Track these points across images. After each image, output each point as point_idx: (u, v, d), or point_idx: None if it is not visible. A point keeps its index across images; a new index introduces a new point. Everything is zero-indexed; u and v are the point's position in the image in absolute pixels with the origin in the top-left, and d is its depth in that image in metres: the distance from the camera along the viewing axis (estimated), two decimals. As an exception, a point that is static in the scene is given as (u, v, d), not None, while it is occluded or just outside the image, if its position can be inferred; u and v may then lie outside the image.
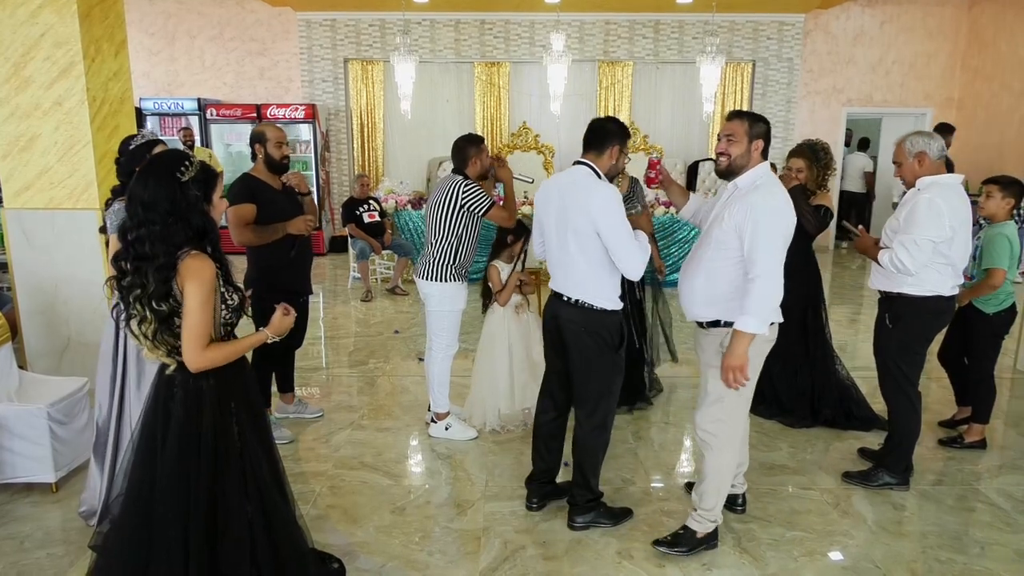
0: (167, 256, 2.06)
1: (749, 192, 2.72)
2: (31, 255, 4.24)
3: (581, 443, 3.11)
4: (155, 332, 2.10)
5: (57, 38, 4.13)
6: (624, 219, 2.87)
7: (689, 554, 2.94)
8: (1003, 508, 3.37)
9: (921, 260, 3.14)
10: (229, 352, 2.18)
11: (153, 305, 2.07)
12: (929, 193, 3.15)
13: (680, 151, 10.43)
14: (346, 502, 3.39)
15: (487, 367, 4.18)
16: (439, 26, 10.08)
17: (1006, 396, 4.80)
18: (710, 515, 2.95)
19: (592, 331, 2.96)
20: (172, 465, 2.15)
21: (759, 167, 2.78)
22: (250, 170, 3.82)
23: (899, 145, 3.31)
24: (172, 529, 2.14)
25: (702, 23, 9.87)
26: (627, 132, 3.05)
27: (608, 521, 3.16)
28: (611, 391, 3.06)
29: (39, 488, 3.40)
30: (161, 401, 2.20)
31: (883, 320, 3.43)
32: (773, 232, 2.65)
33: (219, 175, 2.27)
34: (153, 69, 10.28)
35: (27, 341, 4.33)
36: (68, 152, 4.22)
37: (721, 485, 2.93)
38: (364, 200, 7.85)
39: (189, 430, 2.16)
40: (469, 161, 3.81)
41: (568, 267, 2.97)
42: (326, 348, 5.97)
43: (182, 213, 2.09)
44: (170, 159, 2.16)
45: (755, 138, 2.77)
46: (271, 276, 3.77)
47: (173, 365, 2.17)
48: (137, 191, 2.09)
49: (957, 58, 10.21)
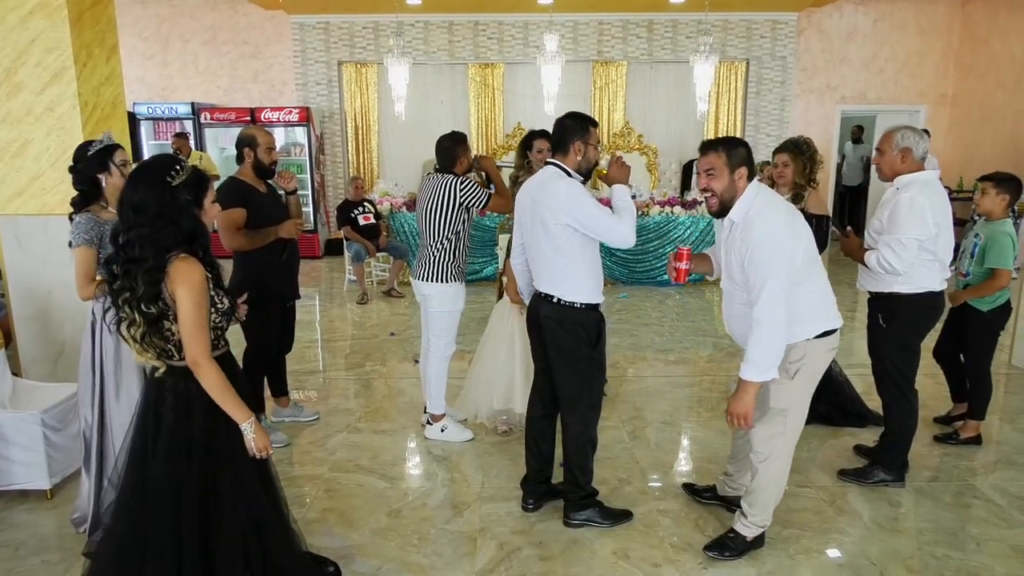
0: (156, 259, 2.07)
1: (744, 227, 2.61)
2: (24, 261, 4.23)
3: (566, 441, 3.14)
4: (143, 335, 2.10)
5: (48, 43, 4.11)
6: (592, 202, 2.89)
7: (738, 557, 2.92)
8: (999, 504, 3.37)
9: (907, 259, 3.14)
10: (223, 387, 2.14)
11: (142, 308, 2.07)
12: (909, 192, 3.14)
13: (675, 150, 10.43)
14: (342, 505, 3.38)
15: (486, 359, 4.16)
16: (432, 28, 10.08)
17: (1001, 392, 4.81)
18: (759, 519, 2.92)
19: (568, 327, 2.98)
20: (163, 469, 2.15)
21: (747, 193, 2.64)
22: (236, 173, 3.81)
23: (888, 135, 3.28)
24: (165, 534, 2.14)
25: (695, 22, 9.88)
26: (586, 124, 2.98)
27: (605, 521, 3.16)
28: (590, 388, 3.07)
29: (34, 495, 3.39)
30: (152, 406, 2.20)
31: (876, 320, 3.43)
32: (774, 263, 2.52)
33: (211, 180, 2.27)
34: (146, 73, 10.27)
35: (21, 347, 4.31)
36: (61, 157, 4.20)
37: (775, 496, 2.90)
38: (359, 202, 7.85)
39: (179, 434, 2.16)
40: (457, 159, 3.82)
41: (544, 264, 3.02)
42: (322, 351, 5.96)
43: (171, 216, 2.09)
44: (161, 163, 2.16)
45: (736, 167, 2.63)
46: (260, 281, 3.77)
47: (163, 368, 2.17)
48: (128, 195, 2.10)
49: (950, 55, 10.24)
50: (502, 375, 4.11)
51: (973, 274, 3.85)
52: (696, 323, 6.77)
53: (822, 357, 2.75)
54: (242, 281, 3.78)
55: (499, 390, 4.12)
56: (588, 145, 2.97)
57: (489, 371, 4.15)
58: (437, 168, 3.88)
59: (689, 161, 10.27)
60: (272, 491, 2.41)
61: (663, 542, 3.06)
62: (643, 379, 5.14)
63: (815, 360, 2.73)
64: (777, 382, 2.67)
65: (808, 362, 2.70)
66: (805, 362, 2.69)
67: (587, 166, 3.01)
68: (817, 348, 2.70)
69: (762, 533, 2.97)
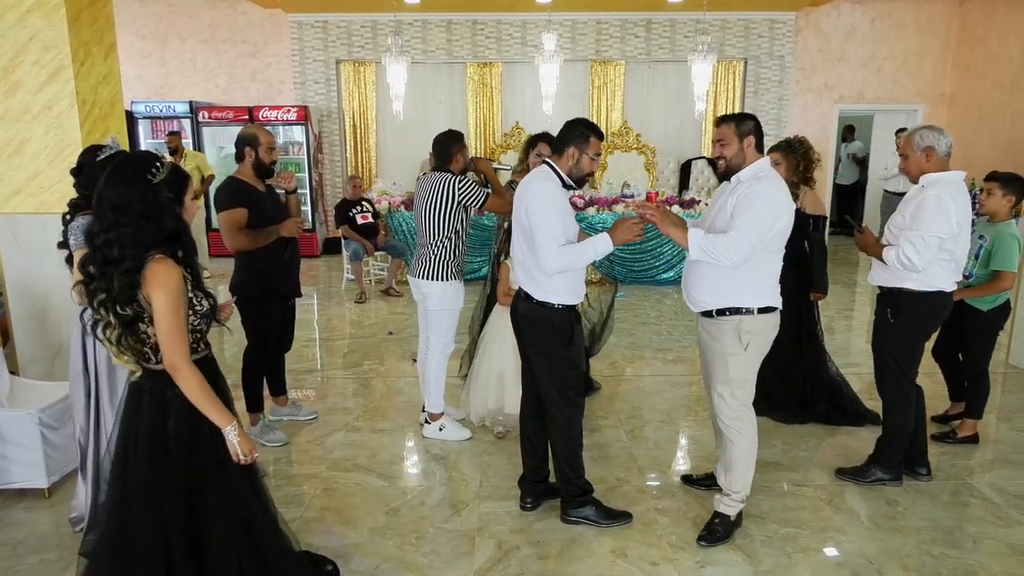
0: (135, 260, 2.01)
1: (751, 182, 2.82)
2: (22, 260, 4.22)
3: (551, 438, 3.17)
4: (119, 337, 2.05)
5: (46, 42, 4.11)
6: (553, 215, 2.86)
7: (727, 539, 3.03)
8: (995, 503, 3.38)
9: (928, 256, 3.14)
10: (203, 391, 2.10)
11: (117, 310, 2.02)
12: (935, 190, 3.15)
13: (673, 150, 10.44)
14: (340, 504, 3.39)
15: (485, 360, 4.17)
16: (431, 27, 10.08)
17: (999, 391, 4.82)
18: (740, 496, 3.05)
19: (541, 326, 3.01)
20: (143, 472, 2.11)
21: (759, 162, 2.88)
22: (235, 172, 3.80)
23: (908, 138, 3.31)
24: (149, 534, 2.11)
25: (693, 22, 9.89)
26: (587, 133, 2.97)
27: (603, 521, 3.16)
28: (567, 386, 3.07)
29: (32, 494, 3.39)
30: (132, 409, 2.16)
31: (884, 315, 3.42)
32: (763, 212, 2.74)
33: (190, 177, 2.21)
34: (144, 72, 10.25)
35: (18, 346, 4.31)
36: (58, 156, 4.20)
37: (749, 466, 3.03)
38: (357, 201, 7.85)
39: (156, 436, 2.11)
40: (453, 157, 3.82)
41: (521, 262, 3.05)
42: (320, 350, 5.96)
43: (155, 215, 2.04)
44: (140, 160, 2.09)
45: (744, 136, 2.87)
46: (262, 280, 3.77)
47: (139, 372, 2.12)
48: (107, 194, 2.02)
49: (948, 55, 10.25)
50: (495, 375, 4.14)
51: (976, 276, 3.83)
52: (694, 322, 6.75)
53: (767, 333, 2.96)
54: (244, 280, 3.78)
55: (492, 390, 4.15)
56: (583, 154, 2.97)
57: (485, 371, 4.17)
58: (433, 167, 3.88)
59: (687, 160, 10.29)
60: (260, 492, 2.37)
61: (661, 540, 3.07)
62: (641, 378, 5.15)
63: (762, 334, 2.95)
64: (734, 355, 2.93)
65: (757, 337, 2.93)
66: (753, 336, 2.91)
67: (579, 173, 3.00)
68: (763, 322, 2.93)
69: (740, 511, 3.10)
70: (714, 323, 2.97)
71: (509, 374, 4.06)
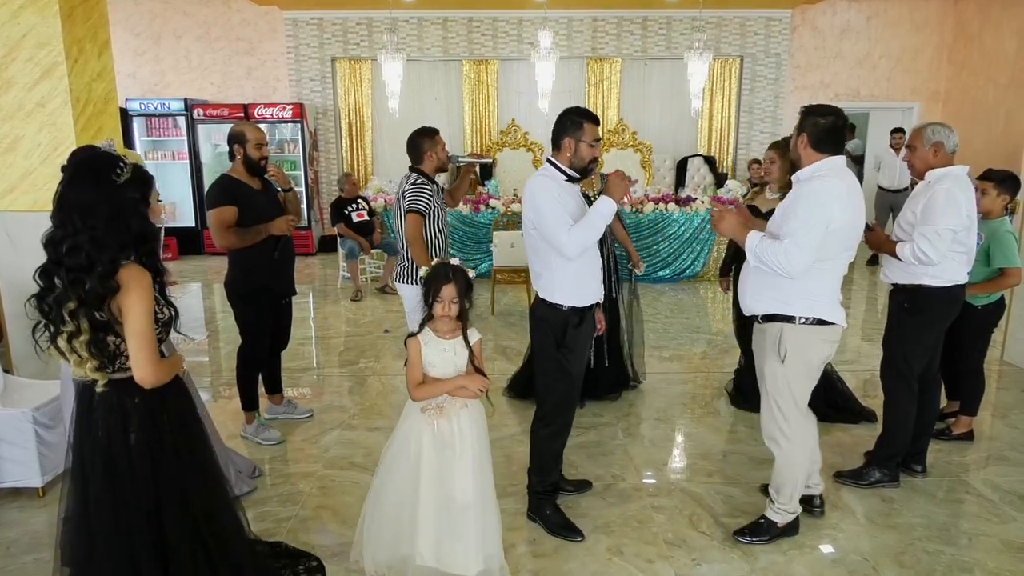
0: (111, 263, 1.93)
1: (805, 182, 2.72)
2: (16, 258, 4.20)
3: (531, 439, 3.13)
4: (89, 343, 1.95)
5: (39, 38, 4.09)
6: (551, 204, 2.78)
7: (770, 542, 3.00)
8: (990, 499, 3.39)
9: (942, 250, 3.14)
10: (168, 367, 2.08)
11: (93, 315, 1.93)
12: (945, 184, 3.17)
13: (669, 147, 10.45)
14: (336, 502, 3.38)
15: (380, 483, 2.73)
16: (427, 24, 10.06)
17: (993, 388, 4.83)
18: (788, 507, 2.98)
19: (536, 322, 3.00)
20: (102, 485, 2.06)
21: (821, 161, 2.74)
22: (228, 171, 3.77)
23: (919, 131, 3.32)
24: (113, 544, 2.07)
25: (690, 19, 9.89)
26: (579, 121, 2.85)
27: (553, 530, 3.08)
28: (555, 391, 3.00)
29: (26, 493, 3.38)
30: (84, 422, 2.08)
31: (899, 311, 3.41)
32: (810, 215, 2.60)
33: (153, 177, 2.17)
34: (139, 69, 10.21)
35: (12, 344, 4.29)
36: (52, 154, 4.18)
37: (790, 480, 2.95)
38: (352, 199, 7.83)
39: (115, 451, 2.05)
40: (424, 155, 3.72)
41: (529, 258, 3.02)
42: (316, 348, 5.95)
43: (122, 217, 1.96)
44: (103, 161, 2.01)
45: (799, 132, 2.82)
46: (254, 278, 3.75)
47: (104, 381, 2.02)
48: (71, 196, 1.94)
49: (943, 52, 10.27)
50: (405, 508, 2.60)
51: (974, 273, 3.83)
52: (690, 320, 6.78)
53: (815, 346, 2.79)
54: (236, 278, 3.77)
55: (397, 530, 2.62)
56: (580, 142, 2.83)
57: (389, 503, 2.66)
58: (410, 165, 3.79)
59: (683, 158, 10.29)
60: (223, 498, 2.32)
61: (657, 538, 3.07)
62: (637, 376, 5.14)
63: (806, 347, 2.77)
64: (771, 364, 2.80)
65: (798, 349, 2.76)
66: (794, 348, 2.76)
67: (580, 163, 2.87)
68: (809, 335, 2.76)
69: (795, 521, 3.03)
70: (759, 328, 2.92)
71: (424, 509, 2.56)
